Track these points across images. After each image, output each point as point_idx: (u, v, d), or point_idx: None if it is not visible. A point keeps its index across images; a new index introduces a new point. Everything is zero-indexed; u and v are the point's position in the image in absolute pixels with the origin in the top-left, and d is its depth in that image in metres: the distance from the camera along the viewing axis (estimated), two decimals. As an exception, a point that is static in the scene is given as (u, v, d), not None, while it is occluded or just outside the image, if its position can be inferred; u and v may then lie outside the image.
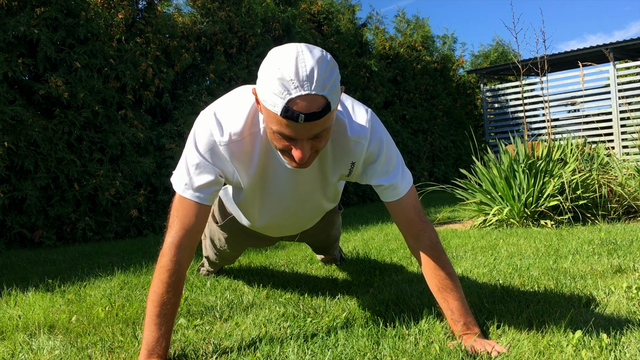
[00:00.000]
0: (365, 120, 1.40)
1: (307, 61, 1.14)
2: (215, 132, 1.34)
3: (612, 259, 2.39)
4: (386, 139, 1.44)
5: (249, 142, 1.37)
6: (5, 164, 4.00)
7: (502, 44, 11.97)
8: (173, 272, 1.33)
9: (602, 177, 3.94)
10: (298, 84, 1.12)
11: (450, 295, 1.42)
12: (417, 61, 9.18)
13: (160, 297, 1.33)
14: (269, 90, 1.15)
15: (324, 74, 1.14)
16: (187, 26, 5.55)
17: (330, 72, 1.16)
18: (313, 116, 1.14)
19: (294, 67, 1.13)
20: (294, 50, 1.16)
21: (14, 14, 4.21)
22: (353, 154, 1.42)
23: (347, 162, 1.44)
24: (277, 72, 1.14)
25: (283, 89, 1.13)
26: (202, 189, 1.37)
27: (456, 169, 9.69)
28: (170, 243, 1.35)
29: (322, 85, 1.14)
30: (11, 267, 3.15)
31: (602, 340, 1.29)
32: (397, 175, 1.46)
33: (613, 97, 8.86)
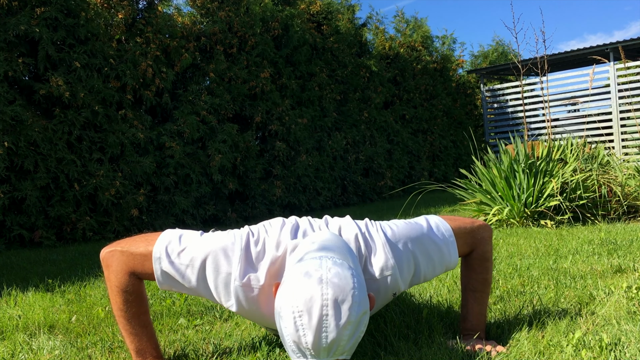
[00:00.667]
0: (382, 245, 1.28)
1: (329, 330, 1.00)
2: (236, 264, 1.22)
3: (612, 259, 2.39)
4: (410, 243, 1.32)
5: (266, 294, 1.23)
6: (5, 164, 4.00)
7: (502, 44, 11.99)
8: (131, 292, 1.28)
9: (602, 177, 3.94)
10: (315, 353, 1.01)
11: (474, 296, 1.43)
12: (417, 61, 9.18)
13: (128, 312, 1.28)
14: (284, 337, 1.04)
15: (345, 343, 1.02)
16: (186, 26, 5.55)
17: (354, 333, 1.03)
18: None
19: (313, 336, 1.00)
20: (318, 309, 1.00)
21: (15, 13, 4.21)
22: (389, 288, 1.29)
23: (388, 296, 1.31)
24: (294, 328, 1.01)
25: (298, 351, 1.03)
26: (168, 279, 1.27)
27: (456, 168, 9.69)
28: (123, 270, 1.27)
29: (342, 352, 1.03)
30: (11, 267, 3.15)
31: (602, 340, 1.29)
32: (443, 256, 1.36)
33: (613, 97, 8.86)
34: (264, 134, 6.52)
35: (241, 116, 6.18)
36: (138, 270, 1.27)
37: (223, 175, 5.74)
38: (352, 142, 7.70)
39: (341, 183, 7.46)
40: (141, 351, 1.31)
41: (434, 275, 1.37)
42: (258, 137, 6.52)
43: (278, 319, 1.06)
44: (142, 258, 1.26)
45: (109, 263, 1.28)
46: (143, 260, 1.26)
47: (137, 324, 1.29)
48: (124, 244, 1.29)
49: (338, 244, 1.18)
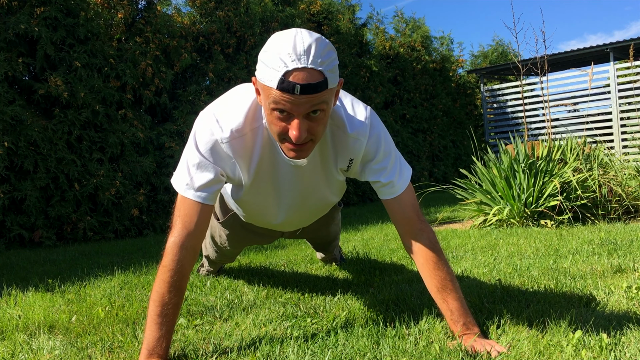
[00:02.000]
0: (365, 117, 1.41)
1: (305, 38, 1.17)
2: (216, 130, 1.35)
3: (612, 259, 2.39)
4: (384, 137, 1.45)
5: (250, 138, 1.38)
6: (5, 164, 4.00)
7: (501, 44, 11.99)
8: (175, 271, 1.33)
9: (602, 177, 3.94)
10: (295, 57, 1.15)
11: (449, 295, 1.42)
12: (417, 61, 9.18)
13: (162, 297, 1.33)
14: (267, 66, 1.18)
15: (321, 51, 1.17)
16: (186, 26, 5.55)
17: (327, 51, 1.18)
18: (309, 88, 1.16)
19: (292, 43, 1.16)
20: (293, 31, 1.19)
21: (14, 12, 4.21)
22: (352, 150, 1.43)
23: (346, 158, 1.45)
24: (274, 48, 1.17)
25: (280, 62, 1.15)
26: (203, 188, 1.37)
27: (456, 168, 9.69)
28: (173, 243, 1.35)
29: (319, 61, 1.16)
30: (11, 267, 3.15)
31: (602, 340, 1.29)
32: (395, 172, 1.46)
33: (613, 97, 8.86)
34: (263, 134, 6.51)
35: (241, 116, 6.17)
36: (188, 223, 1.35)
37: (223, 175, 5.73)
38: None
39: (341, 183, 7.45)
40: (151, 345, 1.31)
41: (378, 179, 1.46)
42: (258, 137, 6.51)
43: (262, 56, 1.20)
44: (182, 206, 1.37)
45: (166, 251, 1.36)
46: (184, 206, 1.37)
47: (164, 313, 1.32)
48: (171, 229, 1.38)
49: None
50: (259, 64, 1.22)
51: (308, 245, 3.31)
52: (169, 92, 5.40)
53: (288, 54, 1.15)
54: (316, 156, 1.45)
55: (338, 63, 1.23)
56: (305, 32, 1.18)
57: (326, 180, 1.57)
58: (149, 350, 1.31)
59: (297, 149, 1.27)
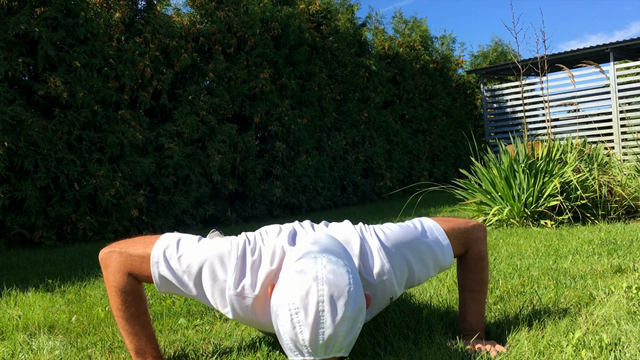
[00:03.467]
0: (377, 250, 1.28)
1: (326, 326, 1.01)
2: (231, 273, 1.22)
3: (612, 259, 2.39)
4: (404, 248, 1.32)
5: (261, 303, 1.24)
6: (5, 164, 4.00)
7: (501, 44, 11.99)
8: (130, 292, 1.28)
9: (602, 177, 3.94)
10: (312, 351, 1.02)
11: (471, 296, 1.44)
12: (416, 61, 9.18)
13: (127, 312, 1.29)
14: (281, 335, 1.06)
15: (342, 339, 1.03)
16: (185, 26, 5.55)
17: (351, 329, 1.04)
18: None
19: (310, 333, 1.01)
20: (314, 305, 1.02)
21: (14, 13, 4.21)
22: (386, 292, 1.30)
23: (385, 301, 1.31)
24: (291, 325, 1.03)
25: (295, 349, 1.04)
26: (165, 282, 1.27)
27: (456, 169, 9.69)
28: (121, 270, 1.28)
29: (339, 349, 1.04)
30: (11, 267, 3.15)
31: (602, 340, 1.29)
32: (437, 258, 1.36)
33: (613, 97, 8.86)
34: (263, 134, 6.52)
35: (240, 116, 6.18)
36: (136, 272, 1.28)
37: (223, 175, 5.74)
38: (352, 142, 7.70)
39: (341, 183, 7.46)
40: (141, 351, 1.31)
41: (429, 277, 1.38)
42: (258, 137, 6.52)
43: (275, 318, 1.07)
44: (140, 260, 1.27)
45: (107, 263, 1.29)
46: (141, 262, 1.27)
47: (136, 324, 1.30)
48: (123, 245, 1.30)
49: (334, 244, 1.18)
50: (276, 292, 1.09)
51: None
52: (169, 93, 5.40)
53: (304, 345, 1.02)
54: None
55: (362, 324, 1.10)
56: (328, 310, 1.01)
57: None
58: (141, 356, 1.31)
59: None
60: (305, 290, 1.03)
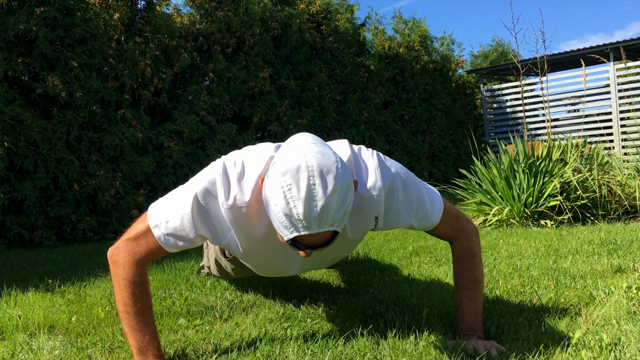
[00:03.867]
0: (374, 168, 1.32)
1: (318, 197, 1.05)
2: (220, 191, 1.25)
3: (612, 259, 2.39)
4: (399, 179, 1.35)
5: (255, 209, 1.27)
6: (5, 164, 4.00)
7: (501, 44, 11.99)
8: (138, 283, 1.30)
9: (602, 177, 3.94)
10: (307, 224, 1.06)
11: (467, 295, 1.43)
12: (416, 61, 9.17)
13: (133, 307, 1.30)
14: (275, 215, 1.09)
15: (334, 211, 1.07)
16: (185, 26, 5.55)
17: (341, 203, 1.08)
18: (319, 246, 1.12)
19: (303, 206, 1.05)
20: (305, 179, 1.06)
21: (14, 13, 4.21)
22: (373, 209, 1.33)
23: (369, 218, 1.35)
24: (284, 201, 1.06)
25: (290, 225, 1.08)
26: (173, 237, 1.30)
27: (456, 169, 9.69)
28: (131, 260, 1.30)
29: (332, 222, 1.08)
30: (11, 267, 3.15)
31: (602, 340, 1.29)
32: (426, 206, 1.40)
33: (613, 97, 8.86)
34: (263, 134, 6.52)
35: (240, 116, 6.18)
36: (143, 251, 1.30)
37: (223, 175, 5.73)
38: (352, 143, 7.69)
39: (341, 183, 7.45)
40: (143, 349, 1.31)
41: (408, 225, 1.40)
42: (257, 137, 6.52)
43: (268, 201, 1.11)
44: (144, 235, 1.31)
45: (116, 258, 1.32)
46: (145, 236, 1.31)
47: (141, 320, 1.31)
48: (124, 235, 1.34)
49: (319, 141, 1.19)
50: (266, 190, 1.12)
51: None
52: (168, 92, 5.40)
53: (299, 219, 1.06)
54: None
55: (352, 200, 1.14)
56: (319, 182, 1.06)
57: (342, 246, 1.49)
58: (143, 354, 1.31)
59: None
60: (296, 167, 1.07)
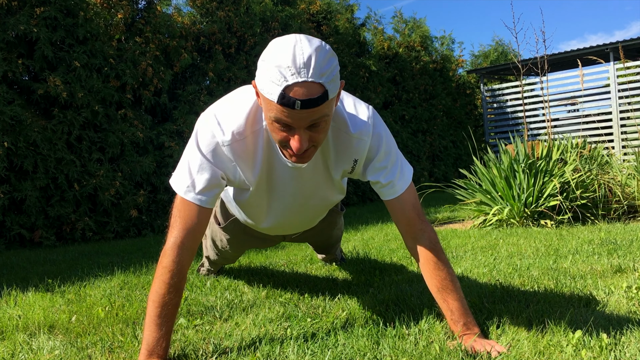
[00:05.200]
0: (367, 117, 1.41)
1: (304, 49, 1.14)
2: (218, 133, 1.34)
3: (612, 259, 2.39)
4: (386, 136, 1.45)
5: (251, 141, 1.37)
6: (5, 164, 4.00)
7: (501, 44, 11.99)
8: (175, 272, 1.33)
9: (602, 177, 3.94)
10: (295, 71, 1.12)
11: (450, 295, 1.42)
12: (416, 61, 9.18)
13: (162, 298, 1.33)
14: (267, 78, 1.16)
15: (321, 62, 1.14)
16: (186, 26, 5.55)
17: (328, 61, 1.16)
18: (310, 103, 1.14)
19: (292, 55, 1.13)
20: (292, 39, 1.16)
21: (14, 13, 4.21)
22: (355, 150, 1.42)
23: (350, 159, 1.44)
24: (274, 59, 1.15)
25: (280, 75, 1.13)
26: (203, 191, 1.36)
27: (456, 169, 9.69)
28: (173, 244, 1.35)
29: (320, 73, 1.14)
30: (11, 267, 3.15)
31: (602, 340, 1.29)
32: (395, 172, 1.46)
33: (613, 97, 8.86)
34: (263, 134, 6.51)
35: (241, 116, 6.18)
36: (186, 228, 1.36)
37: (223, 175, 5.73)
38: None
39: (341, 183, 7.45)
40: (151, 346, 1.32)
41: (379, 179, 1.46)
42: (258, 137, 6.51)
43: (261, 65, 1.18)
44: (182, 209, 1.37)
45: (163, 250, 1.36)
46: (183, 209, 1.37)
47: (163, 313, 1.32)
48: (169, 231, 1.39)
49: None
50: (258, 71, 1.20)
51: (308, 246, 3.31)
52: (169, 92, 5.40)
53: (288, 67, 1.13)
54: (317, 157, 1.45)
55: (339, 69, 1.21)
56: (305, 41, 1.16)
57: (326, 182, 1.56)
58: (149, 351, 1.32)
59: (298, 156, 1.27)
60: (284, 39, 1.18)
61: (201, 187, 1.36)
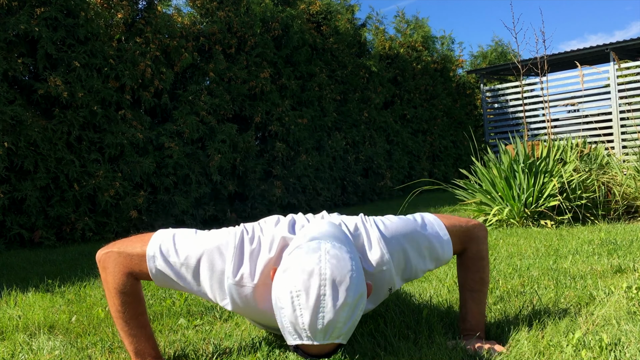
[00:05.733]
0: (377, 240, 1.28)
1: (327, 310, 1.02)
2: (230, 262, 1.21)
3: (612, 259, 2.39)
4: (403, 238, 1.31)
5: (261, 292, 1.23)
6: (5, 164, 4.00)
7: (501, 44, 11.98)
8: (129, 293, 1.27)
9: (602, 177, 3.94)
10: (311, 335, 1.03)
11: (472, 296, 1.43)
12: (417, 61, 9.18)
13: (127, 315, 1.27)
14: (281, 318, 1.07)
15: (341, 325, 1.04)
16: (186, 26, 5.55)
17: (351, 315, 1.05)
18: (323, 356, 1.09)
19: (310, 317, 1.02)
20: (316, 289, 1.03)
21: (14, 13, 4.21)
22: (384, 282, 1.29)
23: (383, 291, 1.32)
24: (291, 308, 1.04)
25: (294, 332, 1.05)
26: (164, 276, 1.26)
27: (456, 169, 9.69)
28: (120, 271, 1.26)
29: (338, 335, 1.05)
30: (11, 267, 3.15)
31: (602, 340, 1.29)
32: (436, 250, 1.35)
33: (613, 97, 8.86)
34: (263, 134, 6.52)
35: (241, 116, 6.18)
36: (136, 270, 1.26)
37: (222, 175, 5.74)
38: (352, 143, 7.70)
39: (341, 183, 7.46)
40: (140, 352, 1.30)
41: (426, 270, 1.37)
42: (258, 137, 6.52)
43: (276, 301, 1.07)
44: (139, 258, 1.25)
45: (105, 265, 1.27)
46: (140, 260, 1.25)
47: (135, 325, 1.28)
48: (120, 244, 1.28)
49: (336, 232, 1.19)
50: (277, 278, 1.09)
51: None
52: (169, 92, 5.40)
53: (304, 329, 1.02)
54: None
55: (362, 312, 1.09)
56: (329, 294, 1.02)
57: None
58: (141, 356, 1.30)
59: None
60: (308, 274, 1.04)
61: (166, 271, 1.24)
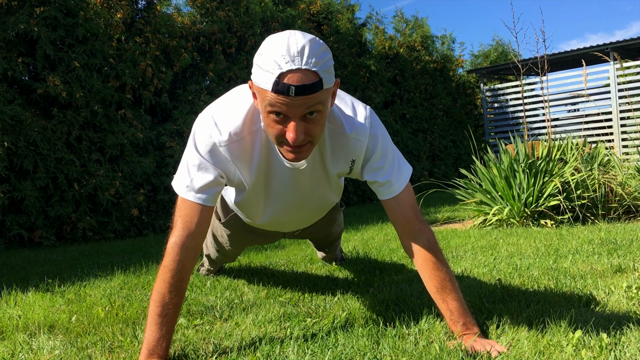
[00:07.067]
0: (364, 117, 1.42)
1: (298, 40, 1.17)
2: (215, 134, 1.35)
3: (612, 258, 2.39)
4: (383, 136, 1.45)
5: (249, 141, 1.38)
6: (5, 164, 4.00)
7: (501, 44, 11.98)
8: (176, 272, 1.34)
9: (602, 177, 3.94)
10: (289, 59, 1.14)
11: (449, 296, 1.42)
12: (417, 61, 9.18)
13: (163, 297, 1.33)
14: (262, 69, 1.18)
15: (315, 52, 1.17)
16: (186, 26, 5.55)
17: (322, 52, 1.18)
18: (304, 89, 1.15)
19: (286, 45, 1.16)
20: (287, 33, 1.19)
21: (14, 12, 4.21)
22: (353, 151, 1.43)
23: (347, 159, 1.45)
24: (269, 51, 1.17)
25: (274, 64, 1.15)
26: (203, 190, 1.37)
27: (456, 168, 9.69)
28: (174, 243, 1.35)
29: (314, 61, 1.16)
30: (11, 267, 3.15)
31: (602, 340, 1.29)
32: (392, 172, 1.46)
33: (613, 97, 8.86)
34: (263, 133, 6.52)
35: (241, 116, 6.18)
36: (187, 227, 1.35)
37: (223, 175, 5.74)
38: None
39: (341, 183, 7.45)
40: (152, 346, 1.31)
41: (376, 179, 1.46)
42: (258, 137, 6.52)
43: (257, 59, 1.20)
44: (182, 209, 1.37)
45: (166, 250, 1.36)
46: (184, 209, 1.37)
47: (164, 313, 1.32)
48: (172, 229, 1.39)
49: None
50: (254, 67, 1.22)
51: (308, 245, 3.31)
52: (169, 92, 5.40)
53: (282, 55, 1.15)
54: (315, 158, 1.45)
55: (333, 63, 1.23)
56: (299, 34, 1.19)
57: (325, 182, 1.57)
58: (149, 350, 1.32)
59: (295, 151, 1.27)
60: (279, 34, 1.20)
61: (200, 185, 1.37)
